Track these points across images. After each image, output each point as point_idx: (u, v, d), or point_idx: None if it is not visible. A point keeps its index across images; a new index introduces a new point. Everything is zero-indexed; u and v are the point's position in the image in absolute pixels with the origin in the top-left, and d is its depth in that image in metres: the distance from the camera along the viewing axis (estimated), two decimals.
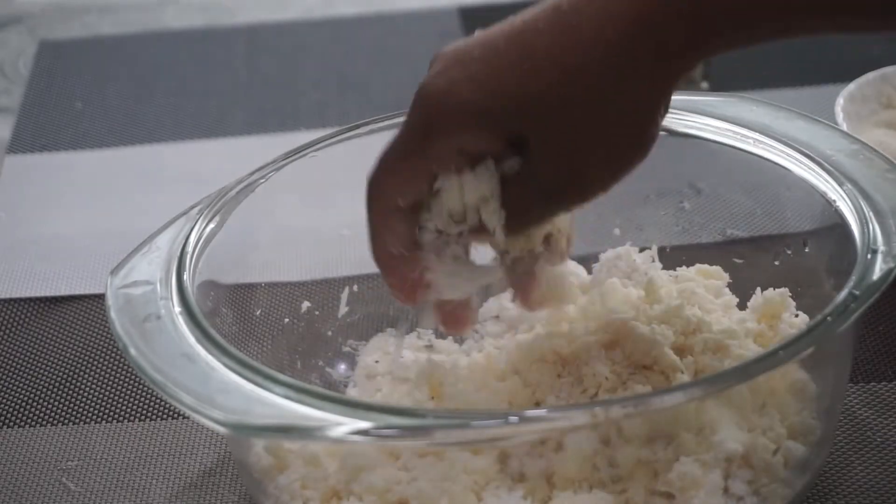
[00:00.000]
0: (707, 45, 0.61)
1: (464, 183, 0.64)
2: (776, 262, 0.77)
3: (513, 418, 0.59)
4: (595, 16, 0.61)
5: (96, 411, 0.78)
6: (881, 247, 0.65)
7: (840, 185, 0.70)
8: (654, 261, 0.77)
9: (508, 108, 0.62)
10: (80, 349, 0.83)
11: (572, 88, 0.61)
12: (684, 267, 0.76)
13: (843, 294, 0.63)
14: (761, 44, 0.62)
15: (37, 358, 0.83)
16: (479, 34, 0.64)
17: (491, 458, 0.66)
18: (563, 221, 0.68)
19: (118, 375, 0.81)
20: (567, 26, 0.61)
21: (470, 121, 0.63)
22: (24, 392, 0.80)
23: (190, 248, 0.69)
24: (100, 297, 0.75)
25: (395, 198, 0.65)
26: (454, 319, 0.69)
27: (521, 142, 0.63)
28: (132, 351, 0.63)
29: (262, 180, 0.75)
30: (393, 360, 0.75)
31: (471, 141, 0.63)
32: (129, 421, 0.77)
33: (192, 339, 0.63)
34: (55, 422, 0.78)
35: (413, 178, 0.65)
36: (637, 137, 0.62)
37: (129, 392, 0.79)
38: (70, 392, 0.80)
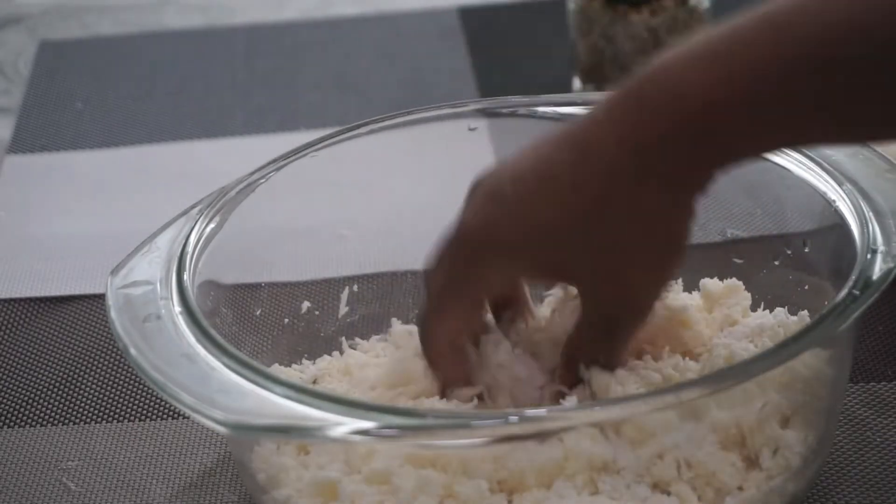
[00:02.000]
0: (722, 159, 0.63)
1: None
2: (776, 262, 0.77)
3: (513, 418, 0.59)
4: (604, 144, 0.63)
5: (96, 411, 0.78)
6: (881, 247, 0.65)
7: (840, 185, 0.70)
8: None
9: (544, 242, 0.64)
10: (80, 349, 0.83)
11: (599, 215, 0.63)
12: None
13: (843, 294, 0.63)
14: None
15: (37, 358, 0.83)
16: (509, 163, 0.66)
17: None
18: None
19: (118, 375, 0.81)
20: (582, 154, 0.63)
21: (512, 256, 0.66)
22: (24, 392, 0.80)
23: (190, 248, 0.69)
24: (100, 297, 0.75)
25: (449, 336, 0.68)
26: None
27: (567, 277, 0.67)
28: (132, 351, 0.63)
29: (262, 180, 0.75)
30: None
31: (518, 271, 0.68)
32: (129, 421, 0.77)
33: (192, 339, 0.63)
34: (55, 422, 0.78)
35: (465, 313, 0.68)
36: (669, 245, 0.64)
37: (129, 392, 0.79)
38: (70, 392, 0.80)
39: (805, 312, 0.71)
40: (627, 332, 0.67)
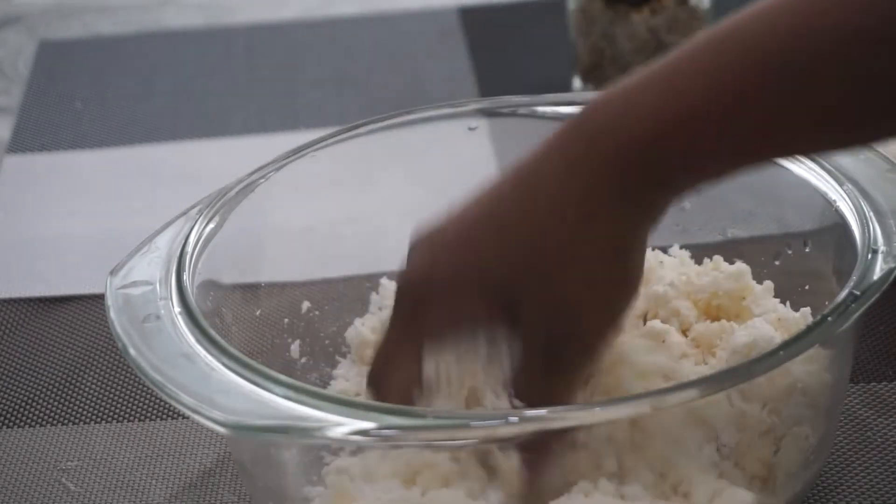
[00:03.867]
0: (670, 185, 0.61)
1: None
2: (777, 262, 0.77)
3: (513, 418, 0.59)
4: (552, 174, 0.61)
5: (96, 411, 0.78)
6: (881, 247, 0.65)
7: (840, 184, 0.70)
8: (661, 262, 0.77)
9: (490, 274, 0.62)
10: (80, 349, 0.83)
11: (547, 246, 0.61)
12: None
13: (844, 294, 0.63)
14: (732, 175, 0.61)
15: (37, 358, 0.83)
16: (448, 216, 0.64)
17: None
18: None
19: (118, 375, 0.81)
20: (529, 189, 0.62)
21: (458, 291, 0.63)
22: (24, 392, 0.80)
23: (189, 248, 0.69)
24: (100, 297, 0.75)
25: (400, 388, 0.64)
26: None
27: (513, 307, 0.62)
28: (132, 351, 0.63)
29: (262, 180, 0.75)
30: None
31: (464, 306, 0.63)
32: (129, 421, 0.77)
33: (191, 339, 0.63)
34: (55, 422, 0.78)
35: (414, 361, 0.64)
36: (620, 278, 0.62)
37: (129, 392, 0.79)
38: (70, 392, 0.80)
39: (807, 309, 0.72)
40: (568, 376, 0.63)
